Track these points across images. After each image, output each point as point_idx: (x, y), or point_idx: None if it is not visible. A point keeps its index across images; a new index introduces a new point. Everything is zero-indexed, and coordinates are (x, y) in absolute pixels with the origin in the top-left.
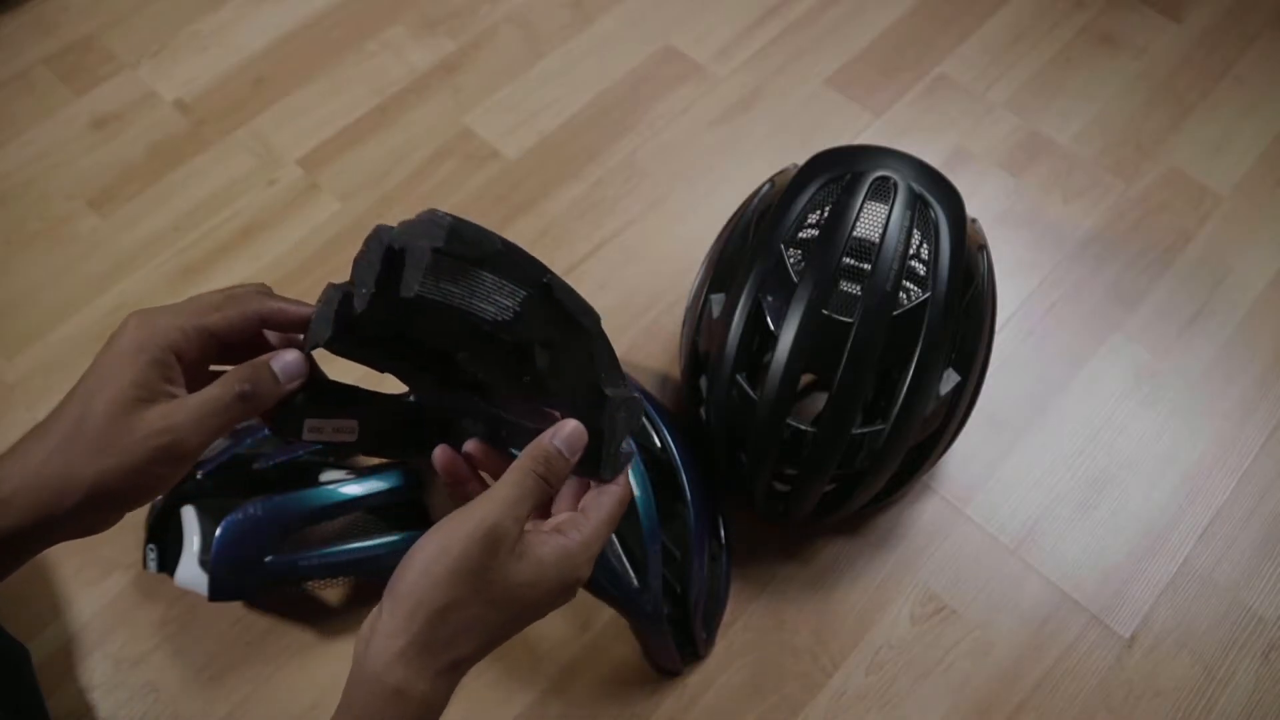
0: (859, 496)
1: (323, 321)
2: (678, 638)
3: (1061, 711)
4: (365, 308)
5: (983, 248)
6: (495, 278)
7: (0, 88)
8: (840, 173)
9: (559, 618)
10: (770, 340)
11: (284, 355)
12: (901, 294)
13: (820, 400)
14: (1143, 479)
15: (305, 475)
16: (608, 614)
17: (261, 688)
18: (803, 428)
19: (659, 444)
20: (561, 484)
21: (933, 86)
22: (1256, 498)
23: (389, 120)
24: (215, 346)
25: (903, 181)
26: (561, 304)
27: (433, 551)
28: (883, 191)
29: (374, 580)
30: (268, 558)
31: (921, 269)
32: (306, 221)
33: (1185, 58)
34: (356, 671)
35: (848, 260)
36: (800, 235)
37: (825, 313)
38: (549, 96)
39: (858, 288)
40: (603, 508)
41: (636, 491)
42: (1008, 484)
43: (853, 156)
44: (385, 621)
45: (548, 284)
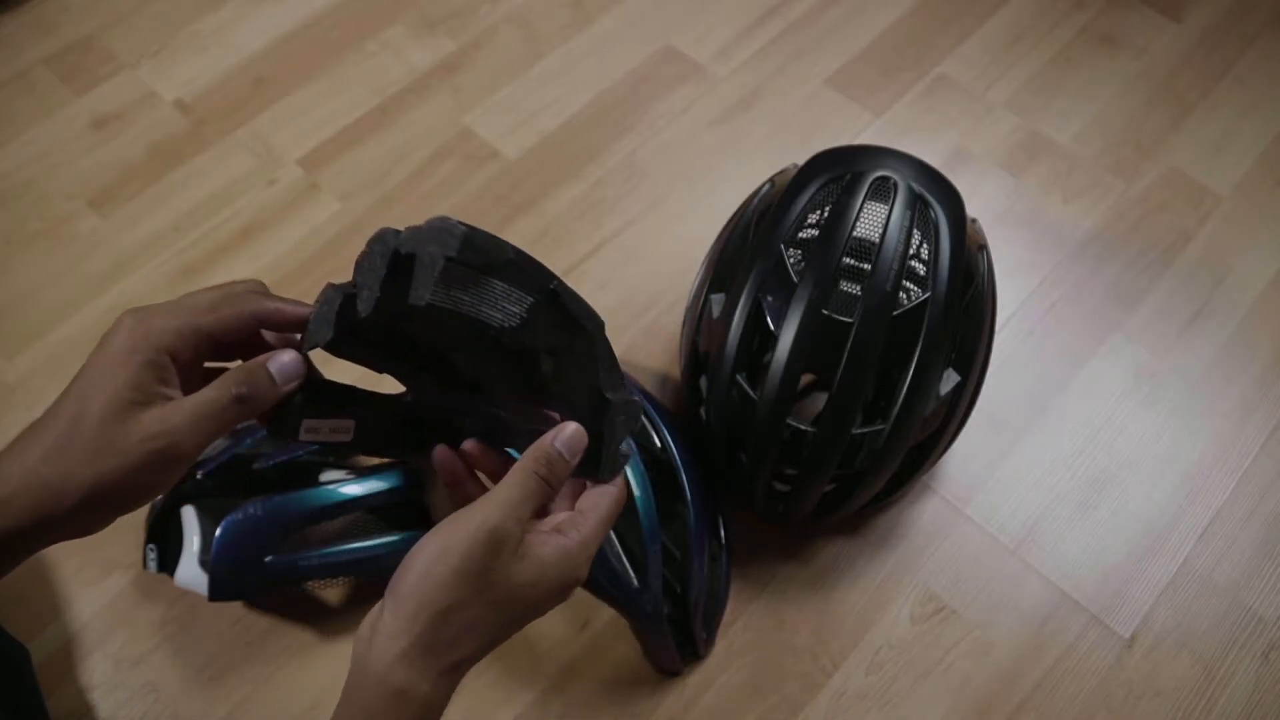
0: (859, 496)
1: (323, 322)
2: (678, 638)
3: (1061, 711)
4: (371, 311)
5: (983, 248)
6: (505, 285)
7: (0, 88)
8: (840, 173)
9: (559, 617)
10: (770, 340)
11: (281, 356)
12: (901, 294)
13: (820, 400)
14: (1143, 479)
15: (305, 475)
16: (608, 614)
17: (261, 688)
18: (803, 428)
19: (659, 444)
20: (562, 485)
21: (933, 86)
22: (1256, 498)
23: (389, 120)
24: (210, 346)
25: (903, 181)
26: (567, 310)
27: (435, 552)
28: (883, 191)
29: (374, 580)
30: (268, 558)
31: (921, 269)
32: (306, 221)
33: (1185, 58)
34: (357, 672)
35: (848, 260)
36: (800, 235)
37: (825, 313)
38: (549, 96)
39: (858, 288)
40: (600, 508)
41: (636, 491)
42: (1008, 484)
43: (853, 156)
44: (387, 622)
45: (554, 290)
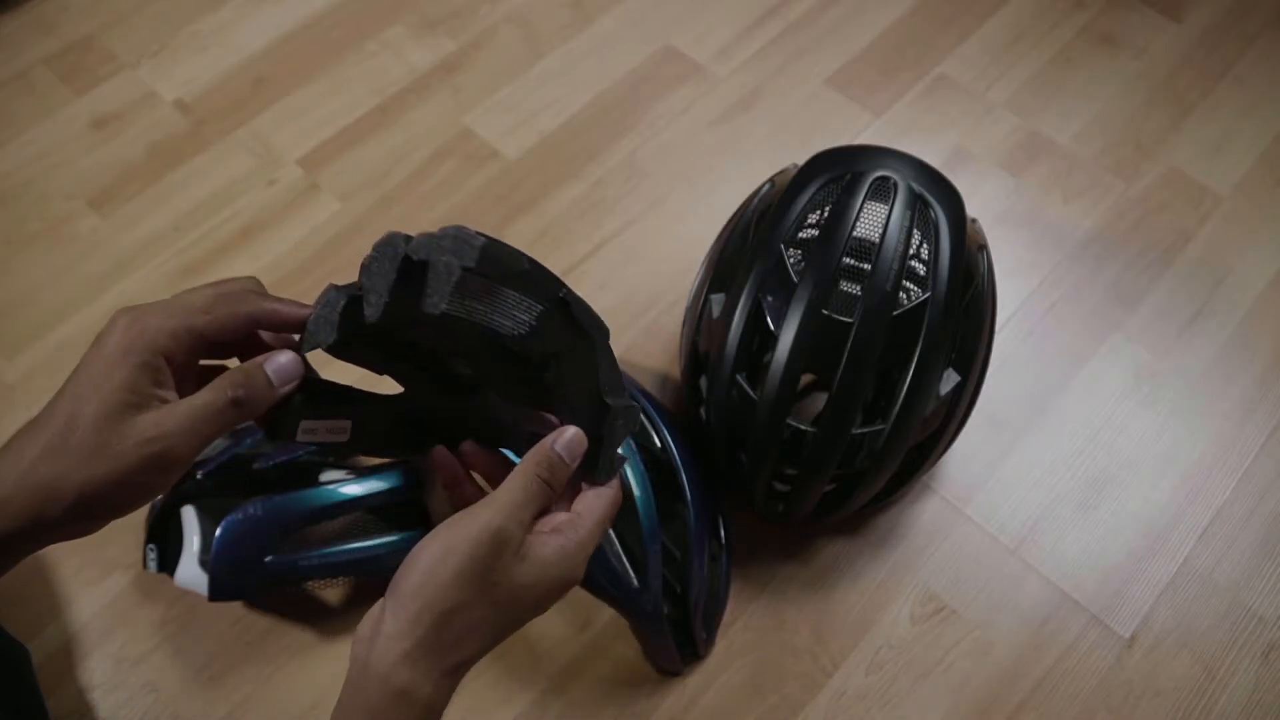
0: (859, 496)
1: (325, 324)
2: (678, 638)
3: (1061, 711)
4: (379, 316)
5: (983, 248)
6: (517, 294)
7: (0, 88)
8: (840, 173)
9: (559, 617)
10: (770, 340)
11: (278, 358)
12: (901, 294)
13: (820, 400)
14: (1143, 479)
15: (305, 475)
16: (608, 614)
17: (261, 688)
18: (803, 428)
19: (659, 444)
20: (562, 487)
21: (933, 86)
22: (1256, 498)
23: (389, 120)
24: (205, 346)
25: (903, 181)
26: (575, 318)
27: (437, 553)
28: (883, 191)
29: (374, 580)
30: (268, 558)
31: (921, 269)
32: (306, 221)
33: (1185, 58)
34: (357, 673)
35: (848, 260)
36: (800, 235)
37: (825, 313)
38: (549, 96)
39: (858, 288)
40: (598, 510)
41: (636, 491)
42: (1008, 484)
43: (853, 156)
44: (389, 623)
45: (564, 299)
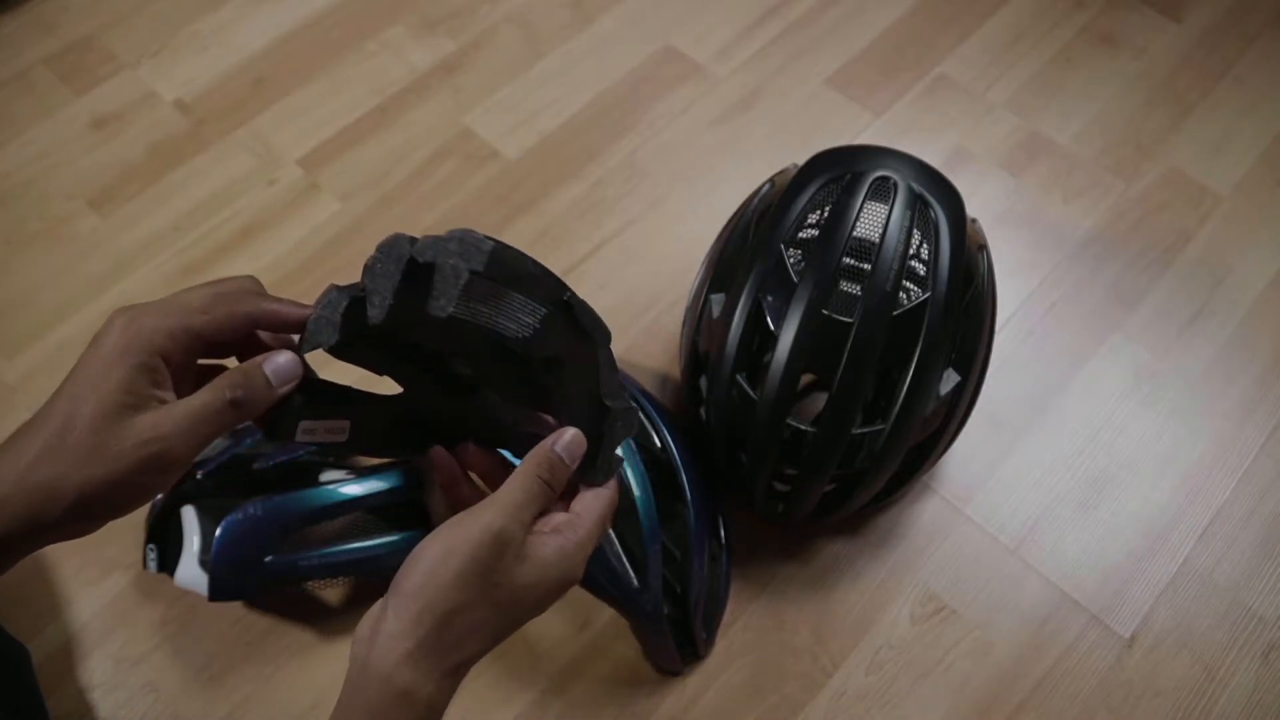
0: (859, 496)
1: (327, 325)
2: (678, 638)
3: (1061, 711)
4: (384, 318)
5: (983, 248)
6: (522, 297)
7: (0, 88)
8: (840, 173)
9: (559, 617)
10: (770, 340)
11: (276, 358)
12: (901, 294)
13: (820, 400)
14: (1143, 479)
15: (305, 475)
16: (608, 614)
17: (261, 688)
18: (803, 428)
19: (659, 444)
20: (562, 488)
21: (933, 86)
22: (1256, 498)
23: (389, 120)
24: (202, 346)
25: (903, 181)
26: (578, 321)
27: (439, 554)
28: (883, 191)
29: (374, 580)
30: (268, 558)
31: (921, 269)
32: (306, 221)
33: (1185, 58)
34: (358, 673)
35: (848, 260)
36: (800, 235)
37: (825, 313)
38: (549, 96)
39: (858, 288)
40: (596, 510)
41: (636, 491)
42: (1008, 484)
43: (853, 156)
44: (391, 623)
45: (568, 302)
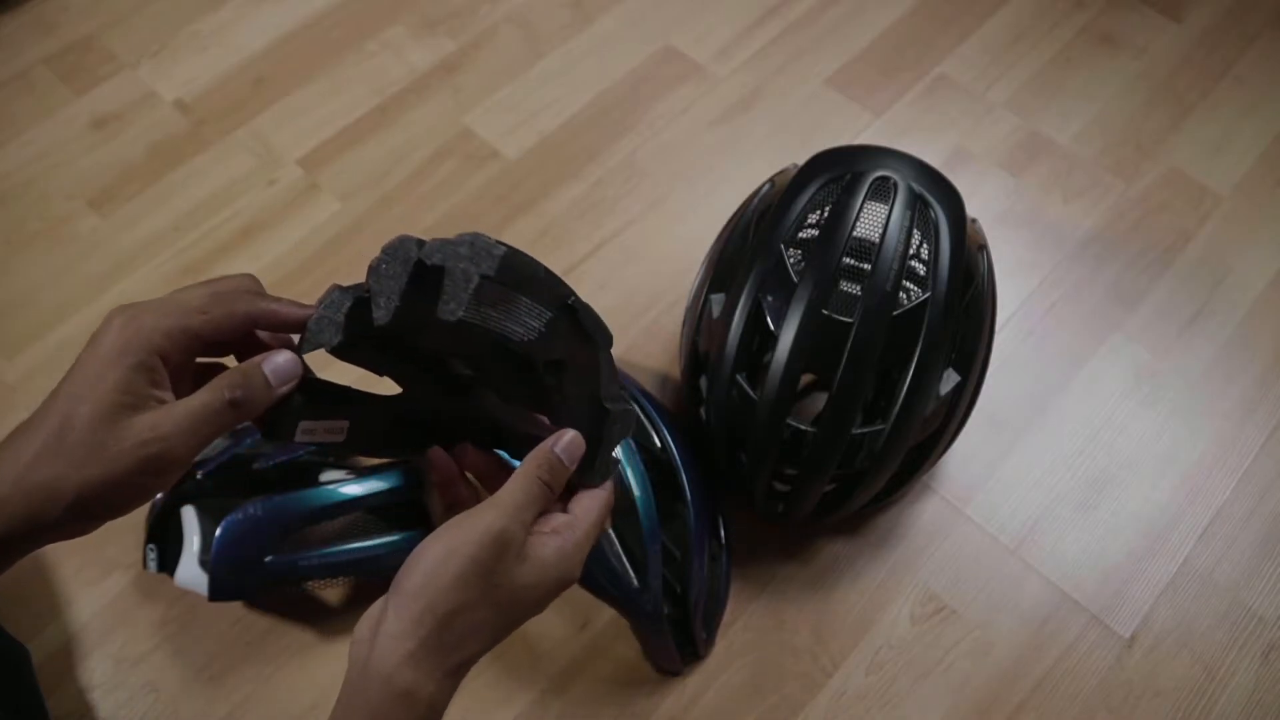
0: (859, 496)
1: (330, 325)
2: (678, 638)
3: (1061, 711)
4: (390, 320)
5: (983, 248)
6: (529, 301)
7: (0, 88)
8: (840, 173)
9: (558, 617)
10: (770, 340)
11: (275, 358)
12: (901, 294)
13: (820, 400)
14: (1143, 479)
15: (305, 475)
16: (608, 614)
17: (261, 688)
18: (803, 428)
19: (659, 444)
20: (561, 489)
21: (933, 86)
22: (1256, 498)
23: (389, 120)
24: (201, 346)
25: (903, 181)
26: (581, 324)
27: (440, 554)
28: (883, 191)
29: (374, 580)
30: (268, 558)
31: (921, 269)
32: (306, 221)
33: (1185, 58)
34: (357, 674)
35: (848, 260)
36: (800, 235)
37: (825, 313)
38: (549, 96)
39: (858, 288)
40: (593, 511)
41: (636, 491)
42: (1008, 484)
43: (853, 156)
44: (392, 624)
45: (572, 305)
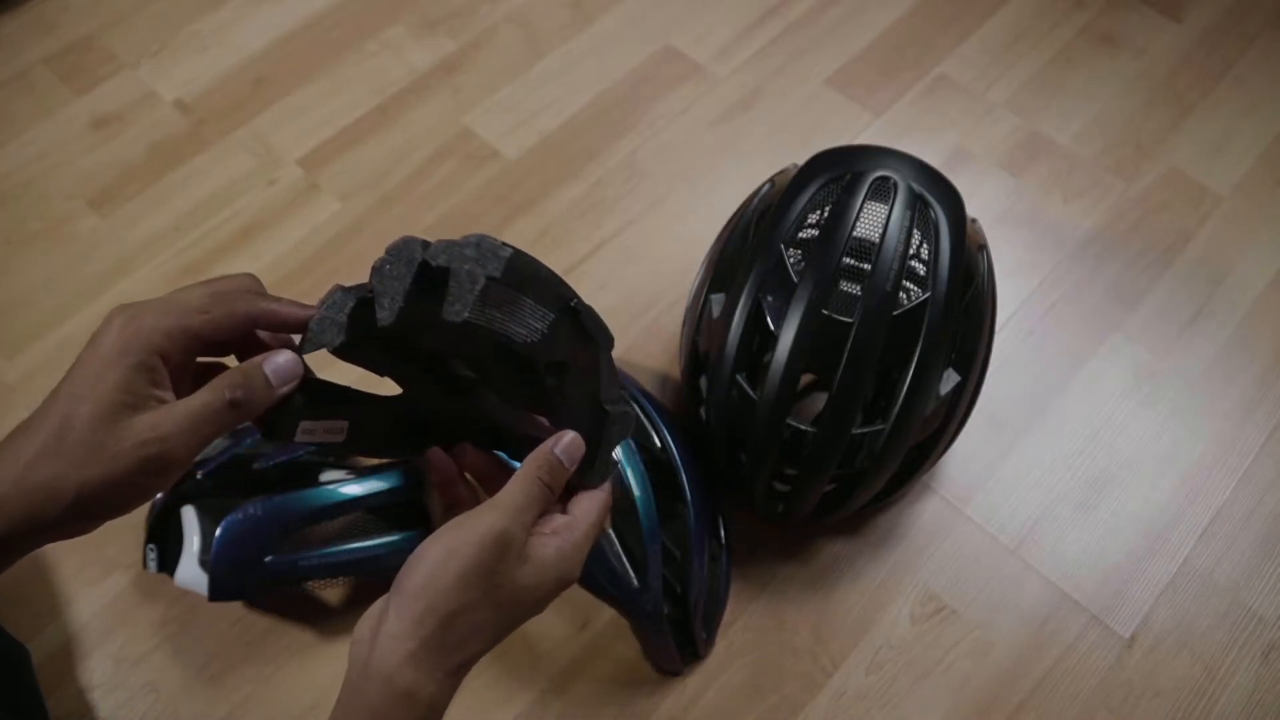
0: (859, 496)
1: (332, 326)
2: (678, 638)
3: (1061, 711)
4: (393, 321)
5: (983, 248)
6: (533, 303)
7: (0, 88)
8: (840, 173)
9: (559, 617)
10: (770, 340)
11: (276, 358)
12: (901, 294)
13: (820, 400)
14: (1143, 479)
15: (305, 475)
16: (608, 614)
17: (261, 688)
18: (803, 428)
19: (659, 444)
20: (561, 490)
21: (933, 86)
22: (1256, 498)
23: (389, 120)
24: (201, 346)
25: (903, 181)
26: (583, 326)
27: (441, 555)
28: (883, 191)
29: (374, 580)
30: (268, 558)
31: (921, 269)
32: (306, 221)
33: (1185, 58)
34: (358, 674)
35: (848, 260)
36: (800, 235)
37: (825, 313)
38: (549, 96)
39: (858, 288)
40: (593, 512)
41: (636, 491)
42: (1008, 484)
43: (853, 156)
44: (393, 624)
45: (575, 307)
